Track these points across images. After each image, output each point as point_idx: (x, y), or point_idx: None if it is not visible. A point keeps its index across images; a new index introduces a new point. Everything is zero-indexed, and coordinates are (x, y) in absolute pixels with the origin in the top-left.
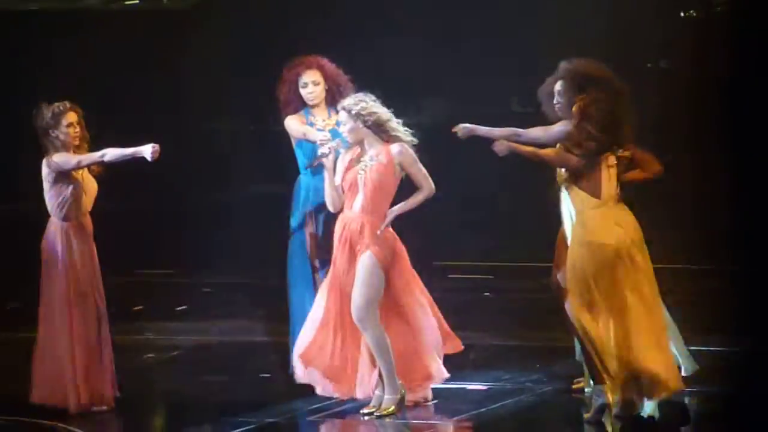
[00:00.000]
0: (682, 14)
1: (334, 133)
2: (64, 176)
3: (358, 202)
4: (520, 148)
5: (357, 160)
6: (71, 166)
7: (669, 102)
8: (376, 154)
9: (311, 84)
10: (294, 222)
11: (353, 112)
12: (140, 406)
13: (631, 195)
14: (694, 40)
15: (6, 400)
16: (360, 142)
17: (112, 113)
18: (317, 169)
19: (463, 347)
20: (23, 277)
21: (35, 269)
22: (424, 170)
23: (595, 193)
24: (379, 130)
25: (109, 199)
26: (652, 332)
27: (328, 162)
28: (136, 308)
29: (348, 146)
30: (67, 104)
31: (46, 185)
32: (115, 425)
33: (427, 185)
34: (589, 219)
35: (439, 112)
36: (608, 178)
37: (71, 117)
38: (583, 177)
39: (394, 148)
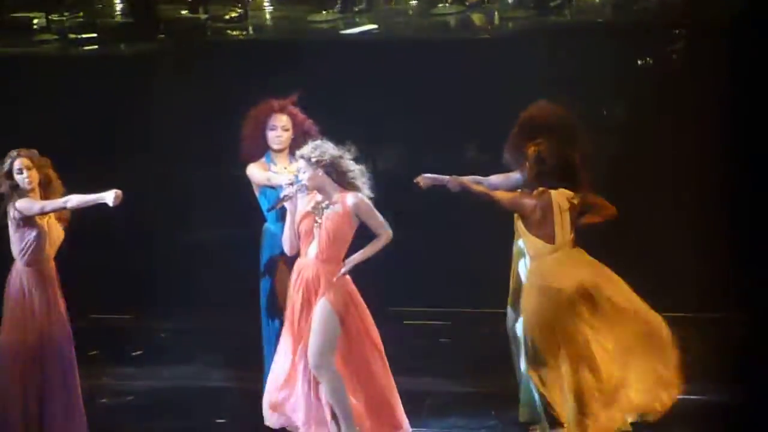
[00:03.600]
0: (639, 62)
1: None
2: (27, 221)
3: (313, 249)
4: (472, 186)
5: (314, 207)
6: (34, 212)
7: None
8: (332, 202)
9: (280, 128)
10: (262, 268)
11: (312, 159)
12: None
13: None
14: (650, 87)
15: None
16: (319, 188)
17: (76, 157)
18: (283, 217)
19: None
20: None
21: None
22: (380, 218)
23: (549, 238)
24: (338, 177)
25: (65, 241)
26: (619, 368)
27: (290, 205)
28: (91, 352)
29: (306, 192)
30: (17, 152)
31: (10, 229)
32: None
33: (384, 233)
34: (544, 265)
35: (396, 157)
36: (561, 223)
37: (23, 163)
38: (536, 224)
39: (350, 198)
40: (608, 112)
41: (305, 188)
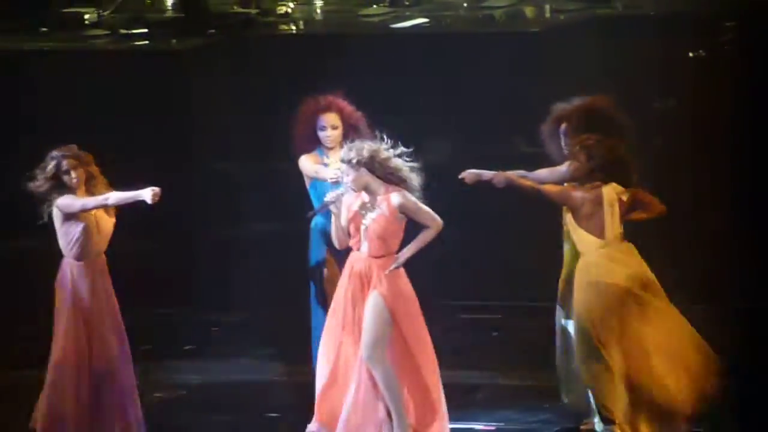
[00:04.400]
0: (690, 54)
1: None
2: (72, 216)
3: (364, 246)
4: (519, 181)
5: (360, 207)
6: (76, 209)
7: (675, 141)
8: (378, 202)
9: (330, 128)
10: (311, 262)
11: (353, 161)
12: None
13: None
14: (701, 79)
15: None
16: (365, 188)
17: (126, 152)
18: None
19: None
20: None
21: (40, 307)
22: (427, 210)
23: (599, 233)
24: (382, 171)
25: (115, 237)
26: (669, 366)
27: (334, 208)
28: (144, 347)
29: (354, 191)
30: (60, 152)
31: (56, 224)
32: None
33: (433, 224)
34: (594, 260)
35: (446, 151)
36: (611, 218)
37: (70, 163)
38: (586, 218)
39: (394, 198)
40: (659, 105)
41: (351, 190)
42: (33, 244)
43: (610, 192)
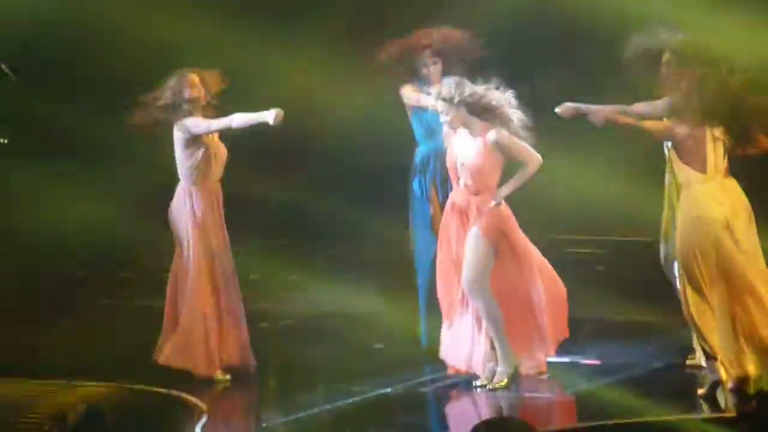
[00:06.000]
0: None
1: None
2: (194, 141)
3: (462, 182)
4: (617, 117)
5: (460, 143)
6: (201, 130)
7: None
8: (474, 139)
9: (431, 65)
10: (415, 189)
11: (455, 100)
12: (254, 375)
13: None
14: None
15: (124, 363)
16: (464, 125)
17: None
18: (434, 138)
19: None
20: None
21: (144, 239)
22: (524, 146)
23: (701, 167)
24: (483, 112)
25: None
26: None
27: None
28: (251, 277)
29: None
30: (187, 70)
31: (177, 149)
32: (230, 392)
33: (531, 160)
34: (696, 194)
35: (552, 85)
36: (714, 152)
37: (193, 80)
38: (687, 151)
39: (490, 135)
40: None
41: (450, 127)
42: None
43: (714, 131)
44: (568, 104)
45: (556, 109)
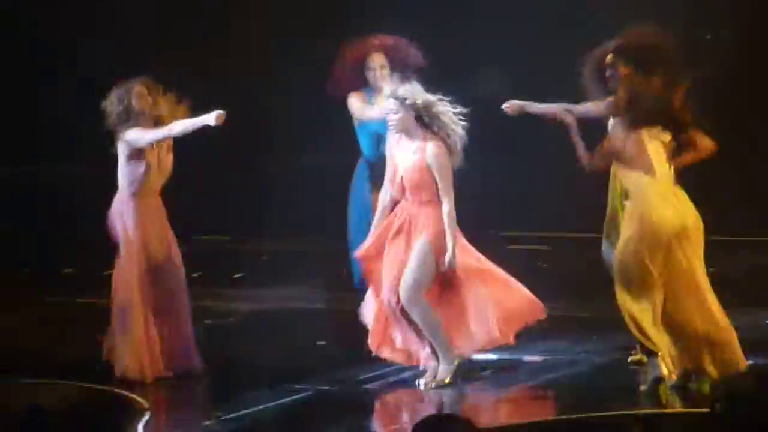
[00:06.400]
0: None
1: None
2: (137, 153)
3: (407, 191)
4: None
5: (398, 149)
6: (142, 143)
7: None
8: (414, 150)
9: (378, 68)
10: (351, 199)
11: (407, 101)
12: (199, 372)
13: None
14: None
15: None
16: (406, 131)
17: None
18: (379, 148)
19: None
20: (78, 242)
21: (88, 235)
22: (448, 182)
23: (648, 171)
24: (429, 121)
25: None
26: (715, 306)
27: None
28: (194, 274)
29: (395, 132)
30: (136, 80)
31: (120, 160)
32: (173, 390)
33: (445, 200)
34: (646, 198)
35: (495, 84)
36: (657, 154)
37: (141, 90)
38: (631, 157)
39: (430, 149)
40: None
41: (392, 128)
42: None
43: (651, 131)
44: (514, 101)
45: (503, 106)
